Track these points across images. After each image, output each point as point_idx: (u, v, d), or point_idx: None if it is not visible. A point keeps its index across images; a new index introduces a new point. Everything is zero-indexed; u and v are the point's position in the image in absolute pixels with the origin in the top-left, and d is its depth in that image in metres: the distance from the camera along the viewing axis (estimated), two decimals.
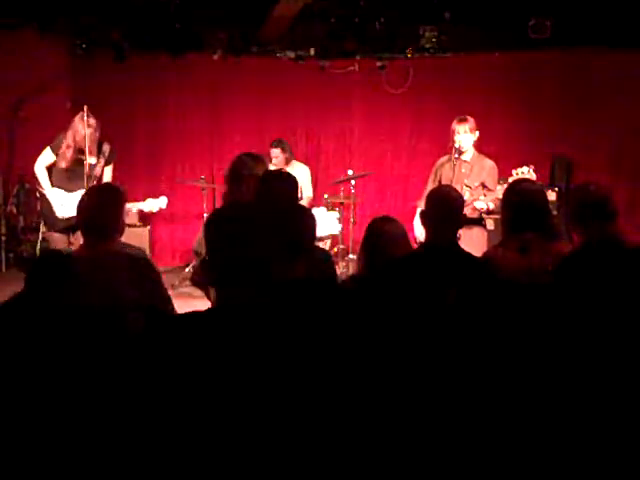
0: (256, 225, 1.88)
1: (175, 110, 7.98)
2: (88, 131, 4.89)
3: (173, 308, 2.97)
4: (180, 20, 6.67)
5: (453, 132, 5.00)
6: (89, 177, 4.97)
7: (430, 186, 4.90)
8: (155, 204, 5.05)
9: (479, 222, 4.88)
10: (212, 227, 1.98)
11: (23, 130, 6.52)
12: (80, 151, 4.94)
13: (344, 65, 7.60)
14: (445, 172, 5.04)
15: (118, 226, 3.07)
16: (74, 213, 4.92)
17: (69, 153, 4.97)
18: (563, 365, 2.28)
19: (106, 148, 5.10)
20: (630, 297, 2.50)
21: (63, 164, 5.00)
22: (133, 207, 4.97)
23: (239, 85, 7.81)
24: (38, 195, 5.20)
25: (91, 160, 5.00)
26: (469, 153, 5.03)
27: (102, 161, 5.08)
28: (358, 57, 7.48)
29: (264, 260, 1.86)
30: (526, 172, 4.63)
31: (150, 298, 2.87)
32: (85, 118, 4.88)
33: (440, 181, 4.99)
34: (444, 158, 5.12)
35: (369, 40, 6.99)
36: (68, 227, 5.02)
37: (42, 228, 5.76)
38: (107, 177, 5.18)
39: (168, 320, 2.29)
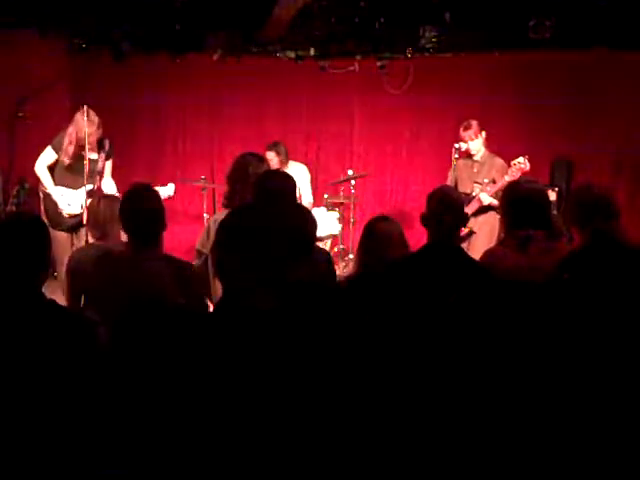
0: (263, 226, 1.88)
1: (175, 110, 7.98)
2: (91, 129, 4.92)
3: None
4: (180, 20, 6.66)
5: (462, 139, 5.30)
6: (92, 173, 4.99)
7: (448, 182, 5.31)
8: (164, 192, 5.07)
9: (488, 210, 5.19)
10: (225, 228, 1.95)
11: (23, 130, 6.50)
12: (82, 147, 4.96)
13: (344, 65, 7.59)
14: (459, 172, 5.42)
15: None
16: (79, 210, 4.97)
17: (71, 149, 4.99)
18: (562, 366, 2.28)
19: (106, 143, 5.12)
20: (631, 297, 2.50)
21: (66, 160, 5.01)
22: None
23: (239, 85, 7.81)
24: (42, 195, 5.20)
25: (92, 156, 5.02)
26: (480, 153, 5.36)
27: (103, 156, 5.10)
28: (358, 57, 7.47)
29: (273, 261, 1.85)
30: (522, 161, 4.89)
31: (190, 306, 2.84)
32: (86, 115, 4.90)
33: (456, 180, 5.37)
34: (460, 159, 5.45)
35: (369, 40, 6.98)
36: (72, 226, 5.04)
37: None
38: (107, 171, 5.21)
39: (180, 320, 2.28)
